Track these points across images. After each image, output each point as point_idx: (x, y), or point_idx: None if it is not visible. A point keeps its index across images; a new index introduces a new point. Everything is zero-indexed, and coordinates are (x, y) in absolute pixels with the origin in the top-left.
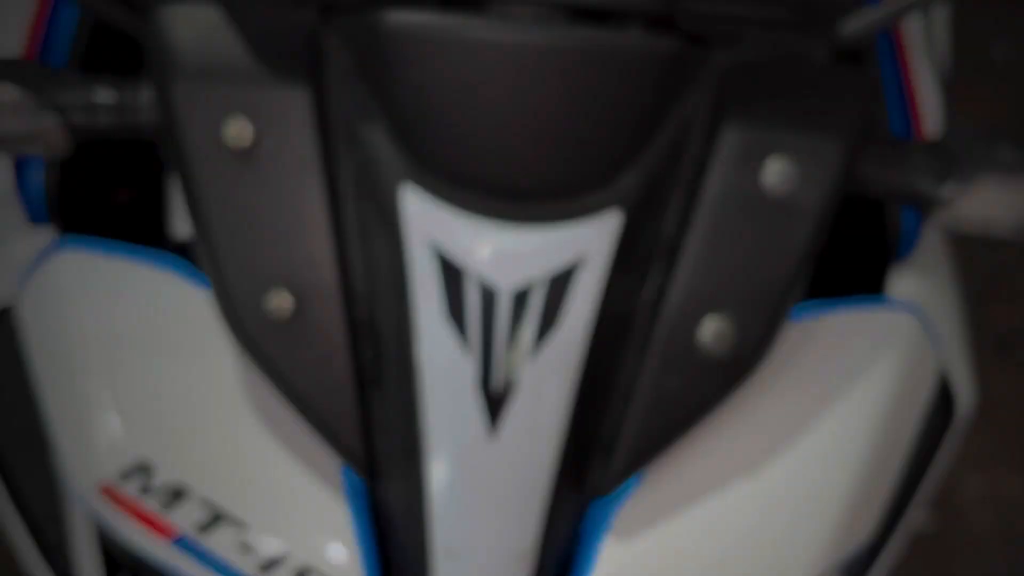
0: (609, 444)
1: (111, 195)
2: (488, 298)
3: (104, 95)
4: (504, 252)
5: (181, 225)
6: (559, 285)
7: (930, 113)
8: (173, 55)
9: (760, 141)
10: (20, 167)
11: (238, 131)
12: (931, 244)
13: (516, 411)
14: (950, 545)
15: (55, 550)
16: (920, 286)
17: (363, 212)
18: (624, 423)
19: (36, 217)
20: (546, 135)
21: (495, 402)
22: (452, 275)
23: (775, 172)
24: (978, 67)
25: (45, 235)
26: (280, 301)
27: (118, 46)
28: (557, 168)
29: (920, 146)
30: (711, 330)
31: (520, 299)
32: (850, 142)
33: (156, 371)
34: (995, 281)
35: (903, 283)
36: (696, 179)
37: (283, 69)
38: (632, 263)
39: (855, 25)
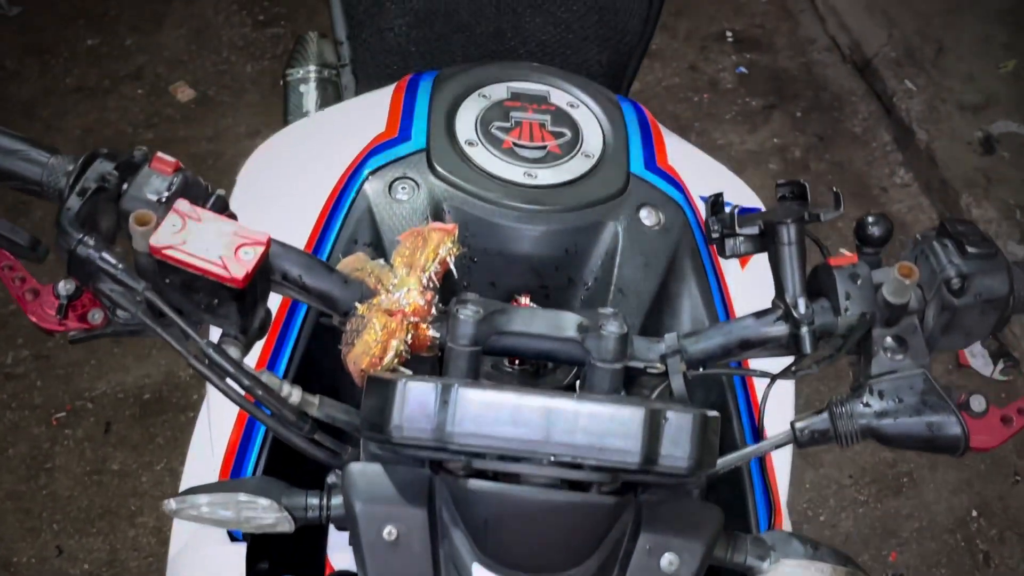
0: None
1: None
2: None
3: (312, 501)
4: None
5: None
6: None
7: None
8: (356, 489)
9: (660, 542)
10: None
11: (390, 530)
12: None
13: None
14: None
15: None
16: None
17: (450, 573)
18: None
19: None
20: (548, 541)
21: None
22: None
23: (668, 561)
24: None
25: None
26: None
27: (287, 460)
28: (553, 557)
29: (752, 538)
30: None
31: None
32: (710, 541)
33: None
34: None
35: None
36: (626, 560)
37: (412, 497)
38: None
39: (725, 461)
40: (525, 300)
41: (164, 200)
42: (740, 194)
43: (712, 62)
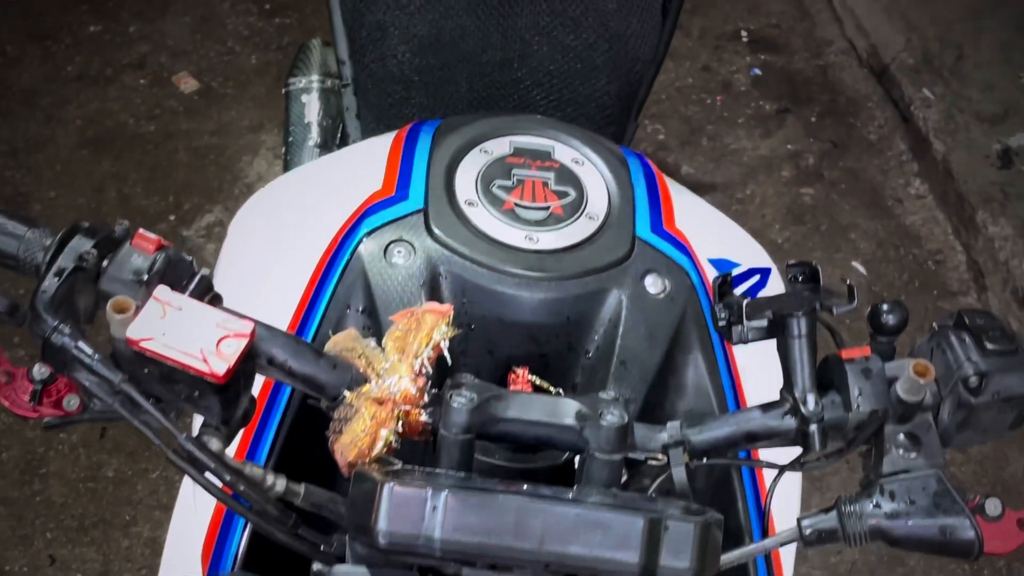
0: None
1: None
2: None
3: None
4: None
5: None
6: None
7: None
8: None
9: None
10: None
11: None
12: None
13: None
14: None
15: None
16: None
17: None
18: None
19: None
20: None
21: None
22: None
23: None
24: None
25: None
26: None
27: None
28: None
29: None
30: None
31: None
32: None
33: None
34: None
35: None
36: None
37: None
38: None
39: (728, 559)
40: (523, 372)
41: (145, 280)
42: (750, 253)
43: (726, 63)
